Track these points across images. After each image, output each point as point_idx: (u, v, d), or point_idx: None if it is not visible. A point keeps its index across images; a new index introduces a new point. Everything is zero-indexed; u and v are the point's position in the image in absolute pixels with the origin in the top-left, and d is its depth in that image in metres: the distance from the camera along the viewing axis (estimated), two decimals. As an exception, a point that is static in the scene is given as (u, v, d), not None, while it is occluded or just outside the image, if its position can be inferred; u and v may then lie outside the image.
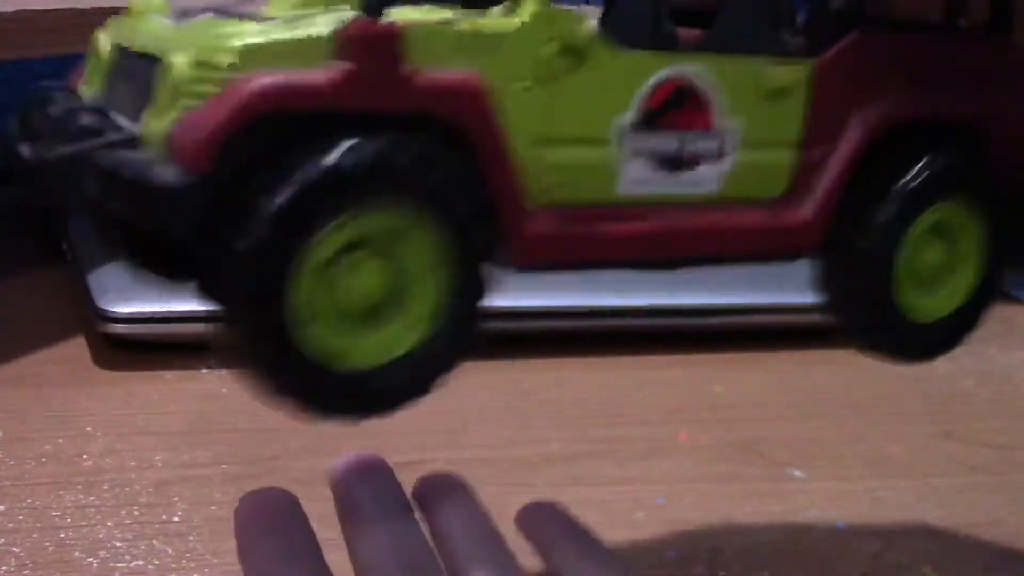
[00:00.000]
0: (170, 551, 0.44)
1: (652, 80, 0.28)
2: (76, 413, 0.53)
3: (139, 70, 0.27)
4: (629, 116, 0.28)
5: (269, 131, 0.25)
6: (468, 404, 0.58)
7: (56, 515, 0.45)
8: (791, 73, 0.30)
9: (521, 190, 0.27)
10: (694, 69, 0.29)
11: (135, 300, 0.58)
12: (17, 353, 0.58)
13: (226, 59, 0.25)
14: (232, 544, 0.32)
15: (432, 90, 0.26)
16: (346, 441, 0.50)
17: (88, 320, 0.59)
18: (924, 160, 0.32)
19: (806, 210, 0.30)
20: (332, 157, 0.25)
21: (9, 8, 0.61)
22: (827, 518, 0.51)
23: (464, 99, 0.26)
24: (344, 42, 0.25)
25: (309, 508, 0.33)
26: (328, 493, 0.34)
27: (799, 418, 0.60)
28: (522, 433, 0.56)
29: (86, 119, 0.26)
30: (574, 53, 0.27)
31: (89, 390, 0.56)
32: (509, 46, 0.27)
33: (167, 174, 0.25)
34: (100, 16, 0.69)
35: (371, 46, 0.25)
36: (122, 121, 0.27)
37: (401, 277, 0.26)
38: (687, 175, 0.29)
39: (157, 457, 0.50)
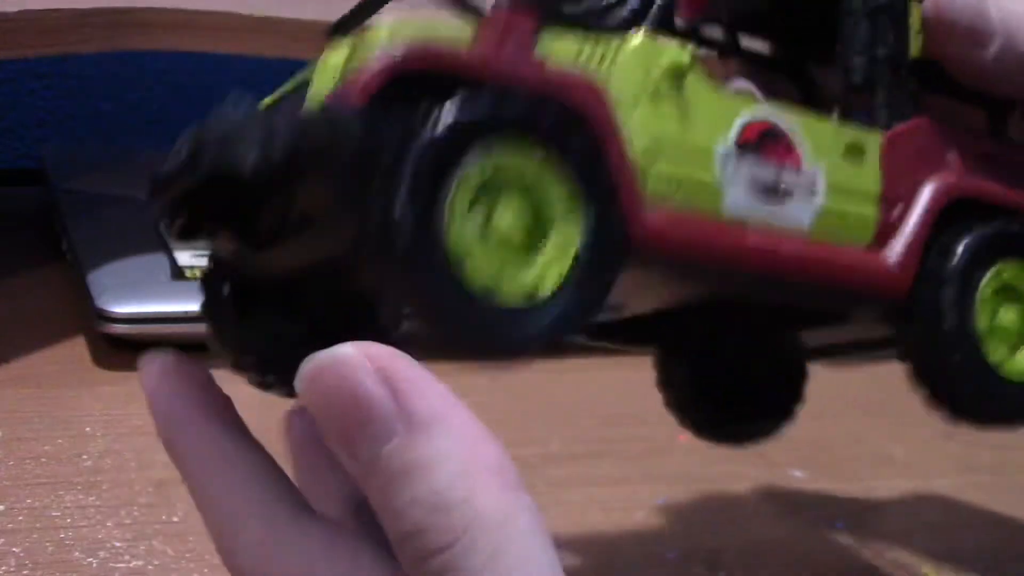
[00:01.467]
0: (170, 551, 0.44)
1: (745, 117, 0.31)
2: (76, 413, 0.53)
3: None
4: (728, 144, 0.31)
5: (411, 88, 0.27)
6: (468, 404, 0.58)
7: (56, 515, 0.45)
8: (865, 134, 0.33)
9: (638, 181, 0.29)
10: (779, 115, 0.32)
11: (135, 300, 0.58)
12: (17, 353, 0.58)
13: (378, 36, 0.27)
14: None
15: (561, 77, 0.28)
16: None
17: (88, 320, 0.59)
18: (984, 223, 0.34)
19: (892, 256, 0.33)
20: (477, 103, 0.27)
21: (10, 8, 0.61)
22: (827, 518, 0.52)
23: (589, 90, 0.29)
24: (483, 23, 0.28)
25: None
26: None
27: (799, 418, 0.60)
28: (522, 433, 0.56)
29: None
30: (677, 78, 0.30)
31: (89, 390, 0.56)
32: (623, 62, 0.30)
33: (335, 106, 0.27)
34: (100, 16, 0.70)
35: (507, 27, 0.28)
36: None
37: (540, 219, 0.28)
38: (783, 207, 0.31)
39: (157, 457, 0.50)
